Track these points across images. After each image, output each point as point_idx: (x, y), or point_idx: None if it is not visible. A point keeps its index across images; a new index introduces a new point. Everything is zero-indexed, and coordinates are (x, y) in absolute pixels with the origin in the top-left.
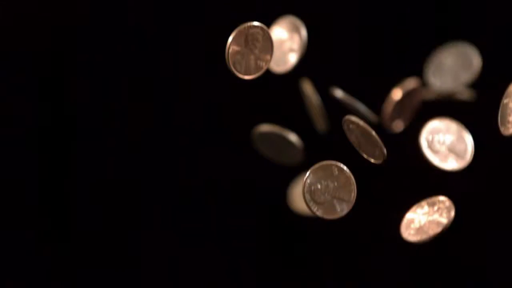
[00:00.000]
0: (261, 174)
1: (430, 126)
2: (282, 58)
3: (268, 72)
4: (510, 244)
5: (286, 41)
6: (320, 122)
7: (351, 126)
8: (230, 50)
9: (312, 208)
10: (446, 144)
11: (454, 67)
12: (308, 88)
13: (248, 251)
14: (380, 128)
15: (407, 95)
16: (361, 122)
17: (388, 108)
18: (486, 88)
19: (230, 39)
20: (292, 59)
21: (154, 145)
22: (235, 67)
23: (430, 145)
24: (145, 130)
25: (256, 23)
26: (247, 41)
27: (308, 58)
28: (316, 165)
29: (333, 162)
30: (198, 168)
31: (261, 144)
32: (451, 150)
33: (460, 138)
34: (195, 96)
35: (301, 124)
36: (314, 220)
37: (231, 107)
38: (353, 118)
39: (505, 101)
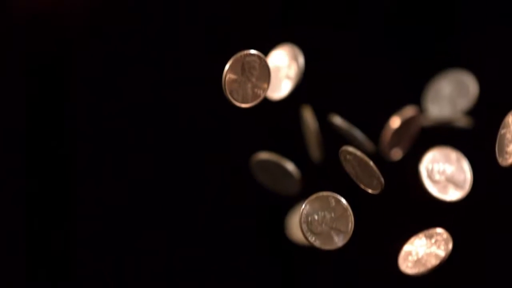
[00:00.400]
0: (260, 203)
1: (430, 156)
2: (277, 84)
3: (265, 99)
4: (508, 277)
5: (283, 68)
6: (315, 151)
7: (348, 156)
8: (227, 79)
9: (309, 238)
10: (445, 174)
11: (451, 94)
12: (307, 116)
13: (246, 281)
14: (378, 156)
15: (405, 123)
16: (358, 153)
17: (386, 136)
18: (484, 116)
19: (226, 67)
20: (288, 86)
21: (150, 170)
22: (232, 96)
23: (430, 175)
24: (142, 158)
25: (252, 51)
26: (243, 69)
27: (306, 85)
28: (313, 196)
29: (330, 194)
30: (195, 194)
31: (259, 172)
32: (450, 180)
33: (460, 168)
34: (192, 123)
35: (299, 152)
36: (311, 250)
37: (229, 133)
38: (350, 149)
39: (502, 131)
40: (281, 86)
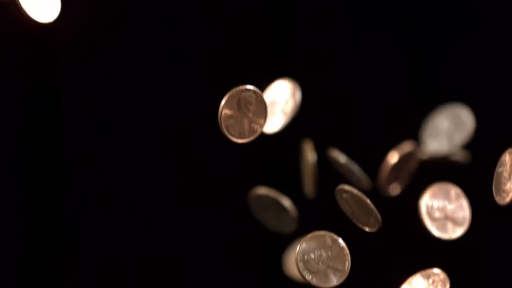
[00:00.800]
0: (257, 239)
1: (429, 192)
2: (273, 119)
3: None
4: None
5: (280, 103)
6: (310, 186)
7: (344, 195)
8: (223, 114)
9: (306, 277)
10: (445, 211)
11: (449, 129)
12: (307, 150)
13: None
14: (376, 192)
15: (403, 158)
16: (355, 191)
17: (384, 171)
18: (482, 150)
19: (222, 103)
20: (283, 121)
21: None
22: (228, 131)
23: (430, 212)
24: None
25: (248, 87)
26: (239, 104)
27: (303, 119)
28: (309, 235)
29: (326, 233)
30: (192, 230)
31: (256, 208)
32: (450, 217)
33: (459, 206)
34: (189, 158)
35: (296, 187)
36: None
37: (226, 168)
38: (346, 187)
39: (499, 169)
40: (277, 120)
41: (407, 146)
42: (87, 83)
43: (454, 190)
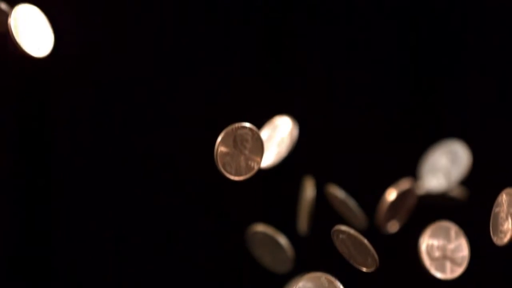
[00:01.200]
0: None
1: (429, 231)
2: (269, 154)
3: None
4: None
5: (276, 139)
6: (304, 224)
7: (341, 236)
8: (219, 152)
9: None
10: (444, 250)
11: (446, 165)
12: (308, 187)
13: None
14: (373, 229)
15: (401, 196)
16: (352, 231)
17: (382, 208)
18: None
19: (218, 140)
20: (278, 157)
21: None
22: (225, 169)
23: (429, 252)
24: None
25: (244, 124)
26: (235, 142)
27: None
28: (306, 276)
29: (323, 274)
30: (188, 266)
31: (253, 244)
32: (449, 257)
33: (458, 245)
34: (186, 195)
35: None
36: None
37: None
38: (343, 228)
39: (496, 210)
40: (273, 156)
41: (405, 183)
42: (80, 116)
43: (454, 229)
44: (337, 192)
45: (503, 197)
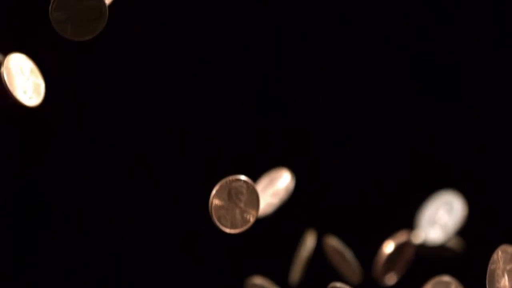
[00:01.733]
0: None
1: (429, 286)
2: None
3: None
4: None
5: (271, 191)
6: (297, 275)
7: None
8: (213, 205)
9: None
10: None
11: (443, 217)
12: (308, 239)
13: None
14: (370, 282)
15: (399, 248)
16: None
17: (380, 261)
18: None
19: (212, 193)
20: (274, 208)
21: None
22: (220, 222)
23: None
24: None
25: (239, 176)
26: (230, 195)
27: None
28: None
29: None
30: None
31: None
32: None
33: None
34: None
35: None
36: None
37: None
38: (338, 285)
39: (492, 267)
40: (269, 208)
41: (402, 235)
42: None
43: (454, 284)
44: (334, 243)
45: (499, 254)
